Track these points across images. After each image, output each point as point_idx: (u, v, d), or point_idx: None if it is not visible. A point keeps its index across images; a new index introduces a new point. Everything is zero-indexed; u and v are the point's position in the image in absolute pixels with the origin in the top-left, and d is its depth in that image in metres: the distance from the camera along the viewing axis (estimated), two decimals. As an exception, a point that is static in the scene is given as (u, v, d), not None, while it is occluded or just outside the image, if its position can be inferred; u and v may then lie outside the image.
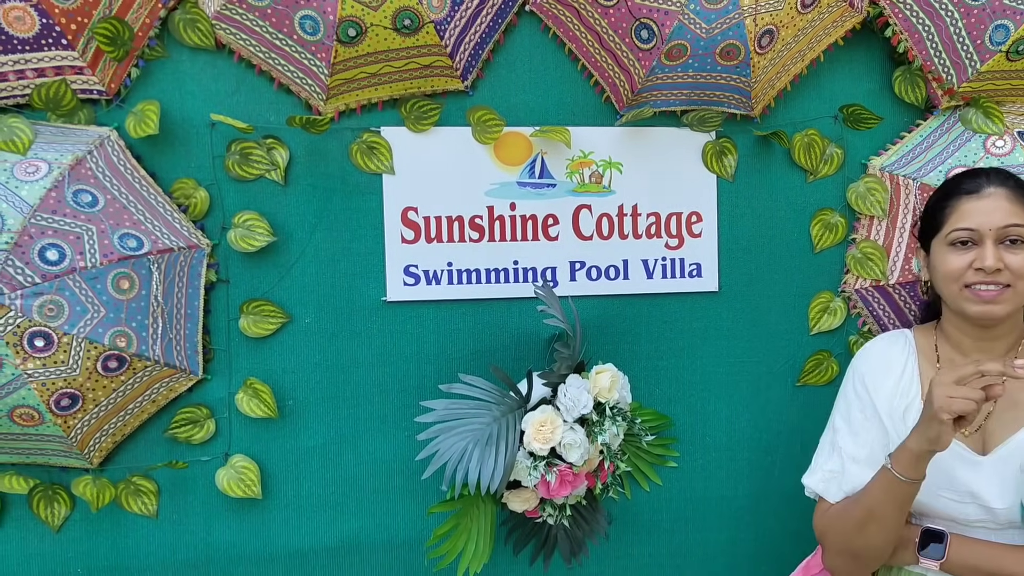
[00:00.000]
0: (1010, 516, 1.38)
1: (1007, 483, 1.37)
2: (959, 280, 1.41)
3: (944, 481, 1.40)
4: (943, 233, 1.44)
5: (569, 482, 1.64)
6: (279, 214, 1.71)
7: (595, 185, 1.80)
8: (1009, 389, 1.36)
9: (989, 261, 1.37)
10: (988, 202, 1.40)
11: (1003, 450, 1.39)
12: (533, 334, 1.79)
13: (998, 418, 1.41)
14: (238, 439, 1.73)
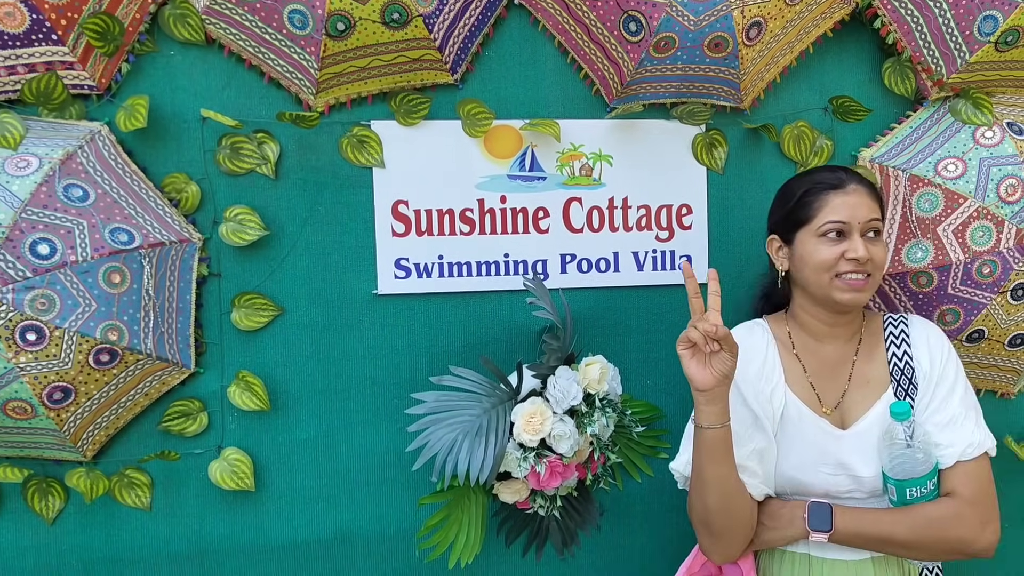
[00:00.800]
0: (874, 484, 1.49)
1: (868, 453, 1.49)
2: (832, 270, 1.48)
3: (819, 456, 1.49)
4: (813, 226, 1.50)
5: (559, 473, 1.64)
6: (270, 208, 1.72)
7: (585, 178, 1.80)
8: (862, 370, 1.54)
9: (861, 252, 1.46)
10: (854, 197, 1.49)
11: (861, 424, 1.50)
12: (524, 326, 1.80)
13: (851, 396, 1.53)
14: (231, 432, 1.74)
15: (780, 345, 1.57)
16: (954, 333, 1.81)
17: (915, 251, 1.77)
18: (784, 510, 1.50)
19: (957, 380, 1.51)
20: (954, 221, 1.73)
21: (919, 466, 1.42)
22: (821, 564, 1.52)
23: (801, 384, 1.55)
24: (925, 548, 1.43)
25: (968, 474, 1.45)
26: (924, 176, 1.75)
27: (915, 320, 1.59)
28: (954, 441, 1.46)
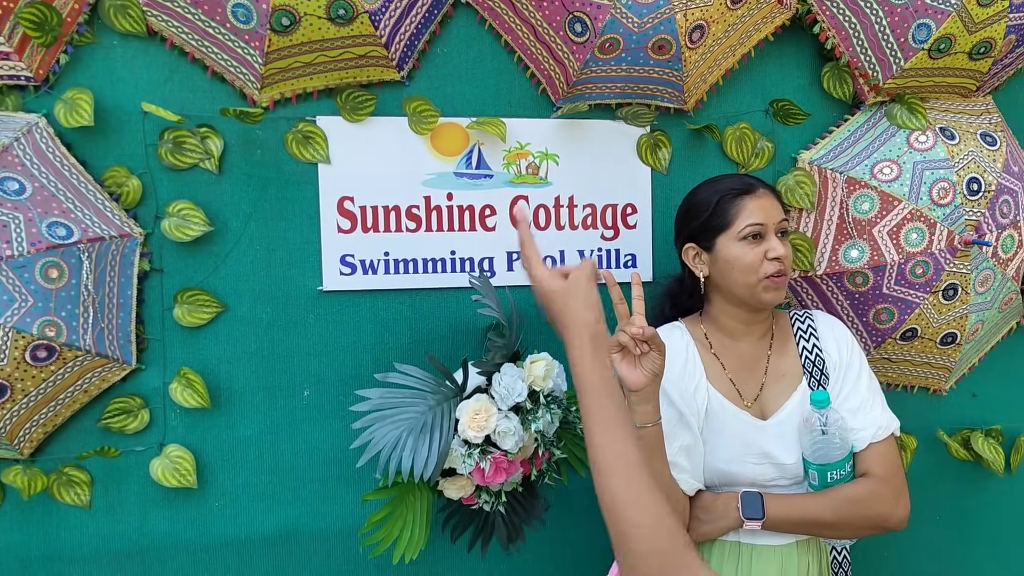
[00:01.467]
0: (796, 470, 1.57)
1: (789, 441, 1.57)
2: (758, 271, 1.56)
3: (744, 448, 1.57)
4: (733, 231, 1.57)
5: (504, 469, 1.66)
6: (214, 203, 1.70)
7: (532, 176, 1.82)
8: (777, 364, 1.63)
9: (781, 250, 1.56)
10: (766, 200, 1.58)
11: (780, 414, 1.59)
12: (470, 324, 1.81)
13: (769, 389, 1.62)
14: (173, 429, 1.72)
15: (699, 345, 1.64)
16: (889, 331, 1.86)
17: (851, 251, 1.82)
18: (718, 502, 1.55)
19: (862, 368, 1.61)
20: (889, 223, 1.78)
21: (837, 451, 1.51)
22: (751, 551, 1.59)
23: (722, 380, 1.61)
24: (849, 526, 1.53)
25: (880, 454, 1.55)
26: (861, 178, 1.80)
27: (819, 315, 1.68)
28: (866, 425, 1.56)
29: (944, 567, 2.10)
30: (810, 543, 1.62)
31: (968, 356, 1.98)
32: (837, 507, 1.52)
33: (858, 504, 1.52)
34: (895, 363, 1.94)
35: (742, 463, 1.57)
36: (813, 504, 1.53)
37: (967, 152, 1.80)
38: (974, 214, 1.78)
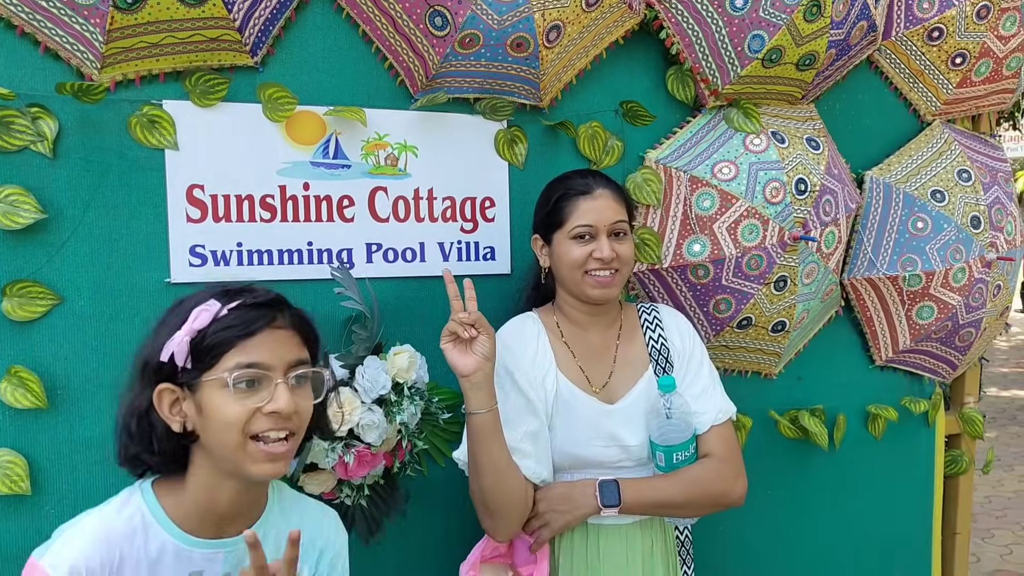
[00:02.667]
0: (640, 452, 1.66)
1: (634, 424, 1.65)
2: (581, 267, 1.63)
3: (592, 431, 1.65)
4: (566, 229, 1.65)
5: (367, 462, 1.65)
6: (47, 189, 1.58)
7: (390, 168, 1.81)
8: (624, 352, 1.71)
9: (606, 252, 1.61)
10: (600, 202, 1.64)
11: (627, 399, 1.67)
12: (329, 316, 1.77)
13: (617, 376, 1.70)
14: (3, 432, 1.59)
15: (550, 334, 1.71)
16: (727, 320, 2.00)
17: (694, 246, 1.94)
18: (575, 492, 1.62)
19: (703, 357, 1.74)
20: (728, 219, 1.91)
21: (681, 433, 1.62)
22: (597, 530, 1.67)
23: (571, 368, 1.68)
24: (695, 505, 1.64)
25: (720, 436, 1.67)
26: (702, 177, 1.92)
27: (663, 308, 1.79)
28: (707, 408, 1.68)
29: (778, 536, 2.28)
30: (652, 522, 1.71)
31: (795, 342, 2.15)
32: (684, 488, 1.62)
33: (703, 483, 1.63)
34: (732, 350, 2.08)
35: (589, 446, 1.64)
36: (663, 486, 1.62)
37: (795, 155, 1.96)
38: (801, 212, 1.94)
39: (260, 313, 1.17)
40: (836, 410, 2.31)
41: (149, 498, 1.22)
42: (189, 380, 1.16)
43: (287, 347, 1.18)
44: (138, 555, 1.17)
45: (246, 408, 1.14)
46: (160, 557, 1.18)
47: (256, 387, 1.16)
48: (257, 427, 1.15)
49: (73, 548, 1.13)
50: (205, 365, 1.15)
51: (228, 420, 1.14)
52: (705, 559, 1.92)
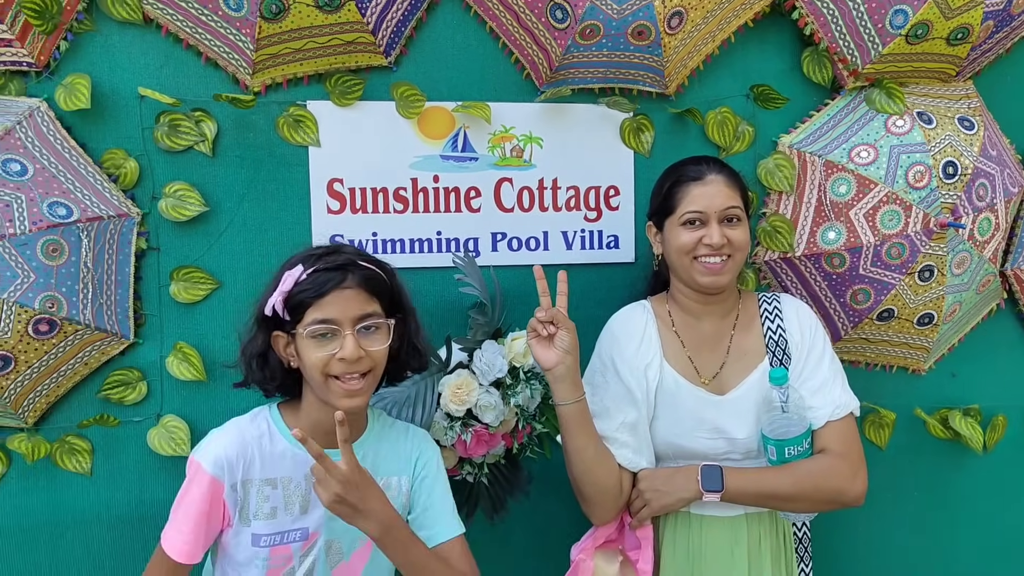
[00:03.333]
0: (748, 445, 1.63)
1: (743, 417, 1.63)
2: (690, 253, 1.61)
3: (696, 423, 1.63)
4: (676, 215, 1.63)
5: (485, 441, 1.72)
6: (208, 185, 1.77)
7: (516, 159, 1.87)
8: (740, 343, 1.67)
9: (715, 238, 1.59)
10: (711, 187, 1.62)
11: (738, 391, 1.64)
12: (455, 302, 1.86)
13: (729, 367, 1.67)
14: (169, 400, 1.80)
15: (660, 323, 1.69)
16: (865, 312, 1.90)
17: (828, 233, 1.86)
18: (678, 476, 1.61)
19: (825, 350, 1.66)
20: (865, 205, 1.82)
21: (794, 427, 1.57)
22: (700, 521, 1.65)
23: (679, 358, 1.66)
24: (805, 499, 1.58)
25: (838, 432, 1.61)
26: (838, 162, 1.84)
27: (786, 298, 1.72)
28: (824, 403, 1.61)
29: (923, 541, 2.14)
30: (762, 516, 1.67)
31: (947, 336, 2.01)
32: (795, 480, 1.57)
33: (815, 478, 1.57)
34: (873, 343, 1.98)
35: (693, 437, 1.63)
36: (771, 477, 1.58)
37: (944, 136, 1.83)
38: (950, 197, 1.81)
39: (330, 276, 1.38)
40: (994, 411, 2.13)
41: (274, 413, 1.49)
42: (289, 329, 1.40)
43: (354, 304, 1.38)
44: (264, 453, 1.43)
45: (323, 355, 1.37)
46: (281, 458, 1.44)
47: (330, 338, 1.37)
48: (334, 370, 1.37)
49: (217, 444, 1.43)
50: (296, 319, 1.39)
51: (312, 363, 1.37)
52: (828, 558, 1.86)
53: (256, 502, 1.42)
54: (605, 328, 1.72)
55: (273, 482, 1.43)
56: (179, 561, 1.41)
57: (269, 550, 1.43)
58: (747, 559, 1.64)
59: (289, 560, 1.44)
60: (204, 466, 1.40)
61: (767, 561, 1.65)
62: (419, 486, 1.51)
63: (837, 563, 2.04)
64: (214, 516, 1.41)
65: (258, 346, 1.44)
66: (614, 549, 1.68)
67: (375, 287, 1.41)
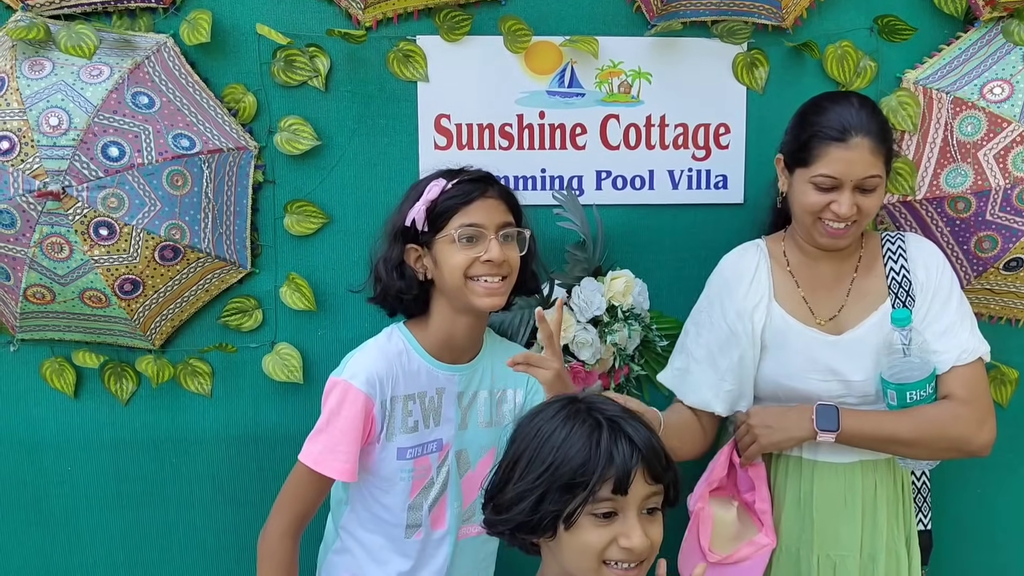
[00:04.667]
0: (865, 388, 1.58)
1: (860, 359, 1.57)
2: (815, 214, 1.55)
3: (809, 364, 1.58)
4: (809, 172, 1.54)
5: (582, 379, 1.73)
6: (320, 119, 1.82)
7: (624, 95, 1.84)
8: (861, 284, 1.62)
9: (844, 209, 1.51)
10: (854, 153, 1.50)
11: (856, 332, 1.59)
12: (560, 240, 1.86)
13: (850, 308, 1.61)
14: (283, 329, 1.88)
15: (775, 262, 1.65)
16: (991, 260, 1.79)
17: (954, 176, 1.76)
18: (791, 413, 1.57)
19: (952, 291, 1.58)
20: (996, 145, 1.71)
21: (917, 371, 1.51)
22: (812, 466, 1.61)
23: (792, 298, 1.62)
24: (926, 445, 1.53)
25: (964, 377, 1.54)
26: (968, 99, 1.73)
27: (911, 237, 1.65)
28: (950, 347, 1.54)
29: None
30: (878, 464, 1.61)
31: (1082, 290, 1.88)
32: (916, 425, 1.51)
33: (938, 424, 1.51)
34: (998, 294, 1.87)
35: (804, 379, 1.58)
36: (891, 421, 1.53)
37: (1091, 70, 1.69)
38: (1094, 137, 1.68)
39: (475, 186, 1.49)
40: None
41: (405, 332, 1.57)
42: (427, 240, 1.49)
43: (497, 212, 1.49)
44: (405, 369, 1.53)
45: (468, 257, 1.45)
46: (418, 373, 1.54)
47: (475, 242, 1.46)
48: (475, 272, 1.46)
49: (365, 363, 1.51)
50: (438, 227, 1.47)
51: (455, 265, 1.45)
52: (945, 513, 1.79)
53: (401, 417, 1.51)
54: (717, 267, 1.70)
55: (413, 397, 1.53)
56: (343, 480, 1.50)
57: (413, 461, 1.53)
58: (860, 508, 1.60)
59: (429, 470, 1.55)
60: (357, 385, 1.48)
61: (883, 511, 1.61)
62: (532, 399, 1.59)
63: (955, 519, 1.96)
64: (364, 434, 1.50)
65: (395, 258, 1.53)
66: (727, 496, 1.66)
67: (511, 201, 1.52)
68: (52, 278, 1.68)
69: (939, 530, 1.80)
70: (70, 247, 1.66)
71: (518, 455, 1.17)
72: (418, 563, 1.55)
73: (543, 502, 1.12)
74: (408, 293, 1.53)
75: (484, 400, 1.58)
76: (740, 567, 1.59)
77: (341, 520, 1.60)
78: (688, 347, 1.68)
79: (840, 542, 1.60)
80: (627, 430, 1.13)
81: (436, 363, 1.54)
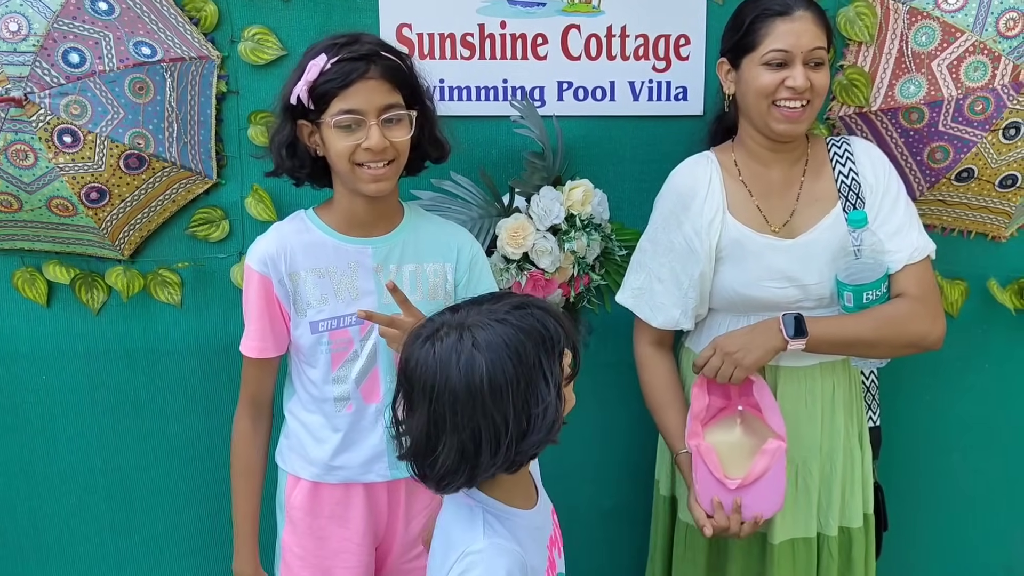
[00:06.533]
0: (820, 291, 1.62)
1: (814, 262, 1.61)
2: (770, 97, 1.55)
3: (766, 272, 1.61)
4: (758, 53, 1.56)
5: (542, 287, 1.78)
6: (282, 29, 1.82)
7: (585, 5, 1.84)
8: (810, 189, 1.64)
9: (799, 80, 1.52)
10: (799, 24, 1.53)
11: (809, 235, 1.62)
12: (519, 151, 1.87)
13: (801, 212, 1.64)
14: (250, 238, 1.87)
15: (726, 173, 1.67)
16: (943, 171, 1.83)
17: (908, 86, 1.78)
18: (757, 330, 1.59)
19: (900, 192, 1.63)
20: (949, 56, 1.73)
21: (871, 272, 1.55)
22: (775, 372, 1.66)
23: (746, 207, 1.64)
24: (887, 344, 1.58)
25: (915, 275, 1.59)
26: (923, 8, 1.74)
27: (856, 140, 1.68)
28: (901, 247, 1.59)
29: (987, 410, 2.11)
30: (835, 366, 1.67)
31: (1032, 202, 1.92)
32: (877, 326, 1.56)
33: (897, 322, 1.57)
34: (950, 205, 1.91)
35: (762, 287, 1.62)
36: (853, 323, 1.58)
37: (1045, -21, 1.70)
38: (1046, 48, 1.70)
39: (355, 66, 1.40)
40: (1080, 282, 2.04)
41: (309, 213, 1.57)
42: (314, 119, 1.45)
43: (378, 94, 1.41)
44: (304, 242, 1.53)
45: (348, 144, 1.42)
46: (322, 247, 1.53)
47: (355, 128, 1.42)
48: (360, 158, 1.43)
49: (258, 245, 1.55)
50: (321, 108, 1.43)
51: (338, 152, 1.43)
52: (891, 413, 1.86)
53: (306, 290, 1.52)
54: (667, 182, 1.71)
55: (319, 271, 1.52)
56: (249, 356, 1.56)
57: (328, 334, 1.53)
58: (819, 410, 1.66)
59: (351, 343, 1.54)
60: (252, 266, 1.53)
61: (840, 411, 1.68)
62: (466, 270, 1.58)
63: (900, 419, 2.04)
64: (273, 312, 1.54)
65: (285, 135, 1.50)
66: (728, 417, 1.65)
67: (398, 77, 1.44)
68: (18, 186, 1.70)
69: (889, 428, 1.88)
70: (35, 154, 1.67)
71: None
72: (351, 436, 1.55)
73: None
74: (300, 171, 1.53)
75: (410, 274, 1.55)
76: (764, 480, 1.57)
77: (288, 404, 1.65)
78: (648, 265, 1.70)
79: (802, 443, 1.66)
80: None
81: (343, 237, 1.53)
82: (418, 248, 1.56)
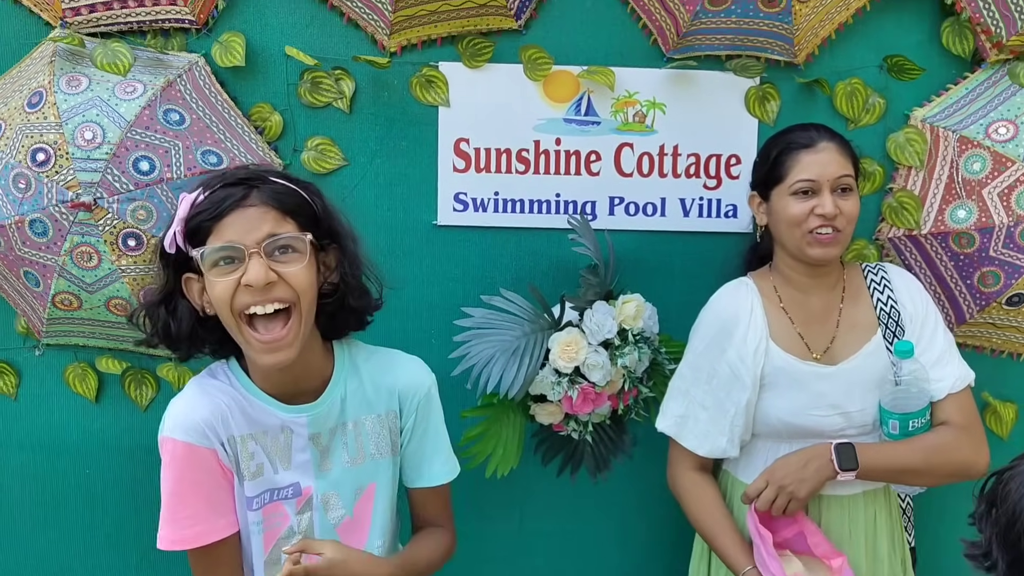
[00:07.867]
0: (863, 419, 1.62)
1: (856, 390, 1.61)
2: (802, 225, 1.58)
3: (810, 401, 1.61)
4: (786, 184, 1.60)
5: (591, 400, 1.77)
6: (343, 140, 1.88)
7: (638, 124, 1.89)
8: (849, 315, 1.65)
9: (828, 208, 1.55)
10: (824, 155, 1.59)
11: (851, 363, 1.63)
12: (571, 264, 1.90)
13: (842, 338, 1.65)
14: (300, 341, 1.92)
15: (766, 300, 1.68)
16: (994, 295, 1.83)
17: (958, 212, 1.80)
18: (811, 460, 1.56)
19: (938, 321, 1.65)
20: (1000, 184, 1.75)
21: (916, 400, 1.55)
22: (819, 501, 1.64)
23: (788, 335, 1.65)
24: (935, 473, 1.58)
25: (958, 404, 1.60)
26: (974, 138, 1.77)
27: (892, 268, 1.71)
28: (944, 376, 1.60)
29: None
30: (877, 493, 1.66)
31: (1083, 327, 1.91)
32: (927, 455, 1.56)
33: (945, 451, 1.56)
34: (1000, 328, 1.90)
35: (807, 416, 1.61)
36: (902, 452, 1.57)
37: (1093, 114, 1.73)
38: (1096, 179, 1.72)
39: (228, 193, 1.20)
40: None
41: (233, 365, 1.32)
42: (197, 266, 1.21)
43: (258, 223, 1.19)
44: (237, 403, 1.28)
45: (228, 284, 1.18)
46: (252, 409, 1.29)
47: (233, 264, 1.18)
48: (241, 301, 1.18)
49: (182, 411, 1.27)
50: (199, 248, 1.20)
51: (218, 297, 1.19)
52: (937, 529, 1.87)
53: (243, 459, 1.28)
54: (708, 308, 1.71)
55: (255, 436, 1.29)
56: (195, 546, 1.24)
57: (261, 511, 1.30)
58: (863, 538, 1.64)
59: (286, 519, 1.32)
60: (178, 438, 1.25)
61: (883, 539, 1.65)
62: (409, 425, 1.40)
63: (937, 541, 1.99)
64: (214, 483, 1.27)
65: (159, 294, 1.25)
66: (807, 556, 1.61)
67: (288, 204, 1.21)
68: (80, 286, 1.74)
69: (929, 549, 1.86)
70: (99, 256, 1.72)
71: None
72: None
73: None
74: (178, 338, 1.25)
75: (352, 433, 1.33)
76: None
77: None
78: (690, 392, 1.68)
79: None
80: None
81: (272, 402, 1.29)
82: (359, 399, 1.35)
